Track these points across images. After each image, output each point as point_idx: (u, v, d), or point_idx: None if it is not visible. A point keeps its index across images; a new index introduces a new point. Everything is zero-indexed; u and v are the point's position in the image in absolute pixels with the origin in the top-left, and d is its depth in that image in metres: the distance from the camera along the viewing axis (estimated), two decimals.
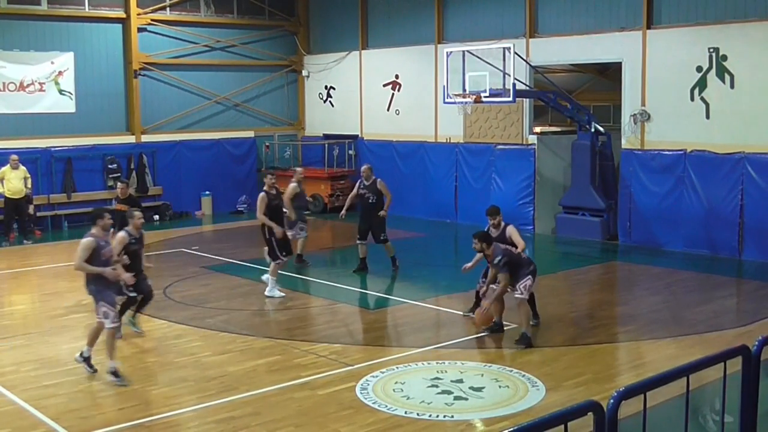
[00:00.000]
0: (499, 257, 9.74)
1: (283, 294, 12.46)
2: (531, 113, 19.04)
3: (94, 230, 8.66)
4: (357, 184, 14.31)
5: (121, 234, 9.94)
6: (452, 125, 19.79)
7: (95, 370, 8.80)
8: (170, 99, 21.81)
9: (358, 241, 14.12)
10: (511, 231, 10.40)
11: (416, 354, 9.51)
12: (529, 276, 9.86)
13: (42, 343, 10.14)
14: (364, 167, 14.38)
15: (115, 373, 8.56)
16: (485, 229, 10.44)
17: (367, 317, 11.78)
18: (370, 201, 13.93)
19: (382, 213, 13.91)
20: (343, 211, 14.49)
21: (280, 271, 12.65)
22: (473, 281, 11.00)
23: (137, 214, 10.18)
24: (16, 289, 13.85)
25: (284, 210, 13.45)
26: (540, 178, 18.31)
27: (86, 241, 8.56)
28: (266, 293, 12.46)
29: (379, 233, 13.98)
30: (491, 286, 10.19)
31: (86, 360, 8.86)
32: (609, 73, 22.16)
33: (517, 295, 9.84)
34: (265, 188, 12.81)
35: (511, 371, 8.80)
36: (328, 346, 9.80)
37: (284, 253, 12.57)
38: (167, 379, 8.81)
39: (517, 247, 10.04)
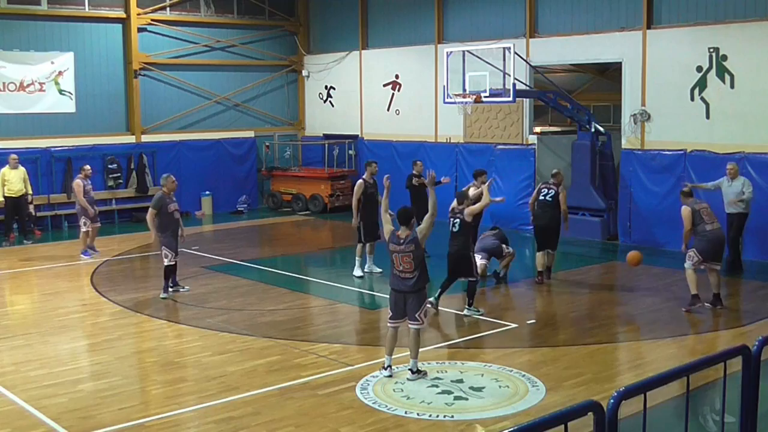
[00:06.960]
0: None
1: (380, 270, 13.51)
2: (531, 113, 19.03)
3: None
4: (537, 188, 13.57)
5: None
6: (452, 125, 19.79)
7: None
8: (170, 99, 21.81)
9: (538, 252, 13.41)
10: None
11: None
12: None
13: (42, 343, 10.15)
14: (554, 171, 13.57)
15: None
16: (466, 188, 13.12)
17: (367, 317, 11.78)
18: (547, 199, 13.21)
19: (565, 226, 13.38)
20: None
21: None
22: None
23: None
24: (16, 289, 13.84)
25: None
26: (540, 178, 18.24)
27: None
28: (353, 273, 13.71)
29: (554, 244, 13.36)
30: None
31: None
32: (609, 73, 22.16)
33: None
34: (365, 176, 13.73)
35: (511, 371, 8.80)
36: (328, 346, 9.81)
37: (368, 239, 13.59)
38: (167, 379, 8.81)
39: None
